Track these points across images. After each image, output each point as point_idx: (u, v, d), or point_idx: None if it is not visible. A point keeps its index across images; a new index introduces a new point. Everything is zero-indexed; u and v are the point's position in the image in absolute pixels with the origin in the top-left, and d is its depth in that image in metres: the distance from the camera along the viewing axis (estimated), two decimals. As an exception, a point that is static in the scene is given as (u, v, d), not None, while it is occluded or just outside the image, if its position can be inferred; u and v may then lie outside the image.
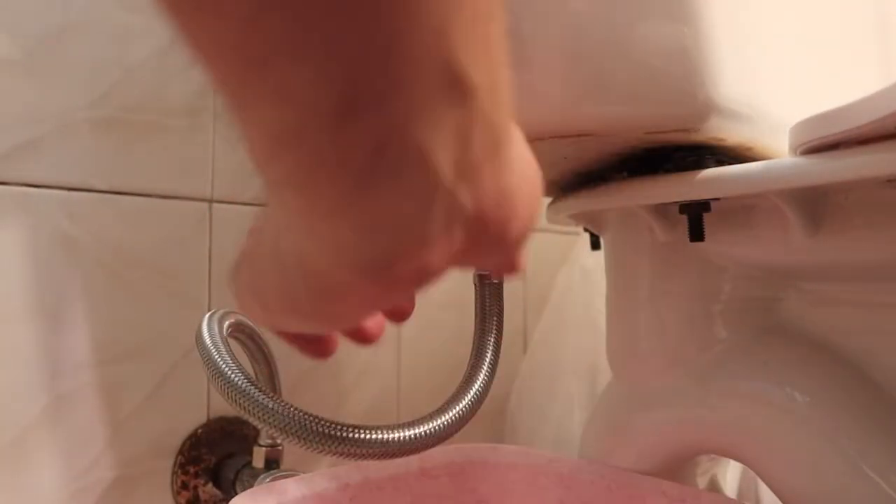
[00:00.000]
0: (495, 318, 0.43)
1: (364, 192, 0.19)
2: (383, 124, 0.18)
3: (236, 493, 0.63)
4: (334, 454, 0.32)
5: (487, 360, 0.41)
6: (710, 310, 0.53)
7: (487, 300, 0.44)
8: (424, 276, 0.21)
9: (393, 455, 0.34)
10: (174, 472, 0.73)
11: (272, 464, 0.69)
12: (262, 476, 0.66)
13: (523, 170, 0.24)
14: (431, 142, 0.18)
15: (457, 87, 0.18)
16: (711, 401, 0.52)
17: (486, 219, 0.21)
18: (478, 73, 0.19)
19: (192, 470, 0.74)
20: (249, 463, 0.71)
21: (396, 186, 0.19)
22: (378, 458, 0.33)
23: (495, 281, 0.44)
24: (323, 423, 0.32)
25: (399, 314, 0.35)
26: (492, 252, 0.24)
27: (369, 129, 0.18)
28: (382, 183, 0.19)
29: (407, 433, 0.34)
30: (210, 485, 0.75)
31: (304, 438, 0.32)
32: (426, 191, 0.19)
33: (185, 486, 0.73)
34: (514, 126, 0.23)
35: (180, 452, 0.74)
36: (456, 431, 0.37)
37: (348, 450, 0.33)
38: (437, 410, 0.37)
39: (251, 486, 0.66)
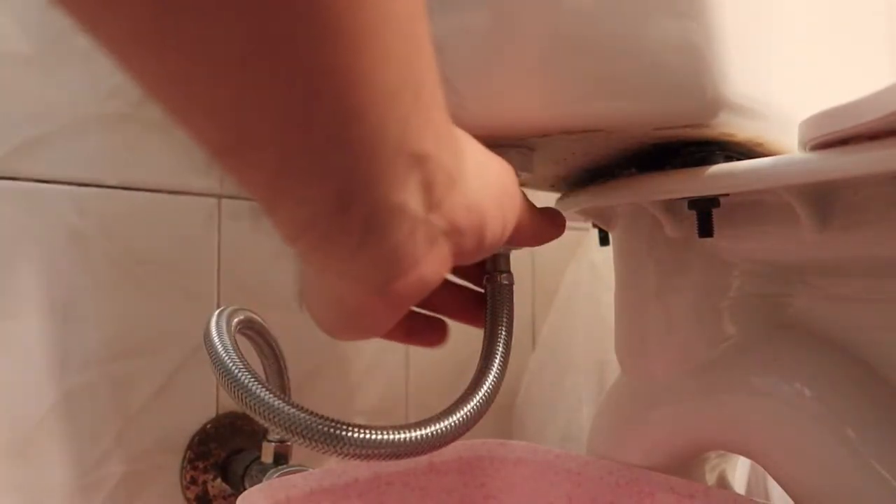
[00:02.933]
0: (505, 319, 0.43)
1: (364, 245, 0.27)
2: (369, 203, 0.26)
3: (245, 489, 0.63)
4: (341, 455, 0.32)
5: (497, 361, 0.41)
6: (719, 306, 0.53)
7: (497, 301, 0.43)
8: (423, 286, 0.29)
9: (401, 456, 0.34)
10: (183, 468, 0.74)
11: (281, 459, 0.69)
12: (271, 471, 0.67)
13: (485, 183, 0.32)
14: (404, 199, 0.26)
15: (416, 161, 0.26)
16: (720, 397, 0.52)
17: (460, 228, 0.30)
18: (428, 142, 0.26)
19: (201, 465, 0.74)
20: (258, 458, 0.71)
21: (386, 235, 0.27)
22: (386, 459, 0.33)
23: (505, 282, 0.44)
24: (330, 423, 0.32)
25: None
26: (477, 247, 0.32)
27: (360, 209, 0.26)
28: (376, 236, 0.27)
29: (416, 433, 0.34)
30: (219, 480, 0.75)
31: (310, 439, 0.32)
32: (407, 230, 0.27)
33: (194, 481, 0.74)
34: (466, 151, 0.31)
35: (189, 448, 0.74)
36: (465, 432, 0.37)
37: (356, 451, 0.32)
38: (446, 410, 0.37)
39: (260, 481, 0.66)
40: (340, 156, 0.24)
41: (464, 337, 0.46)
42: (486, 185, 0.32)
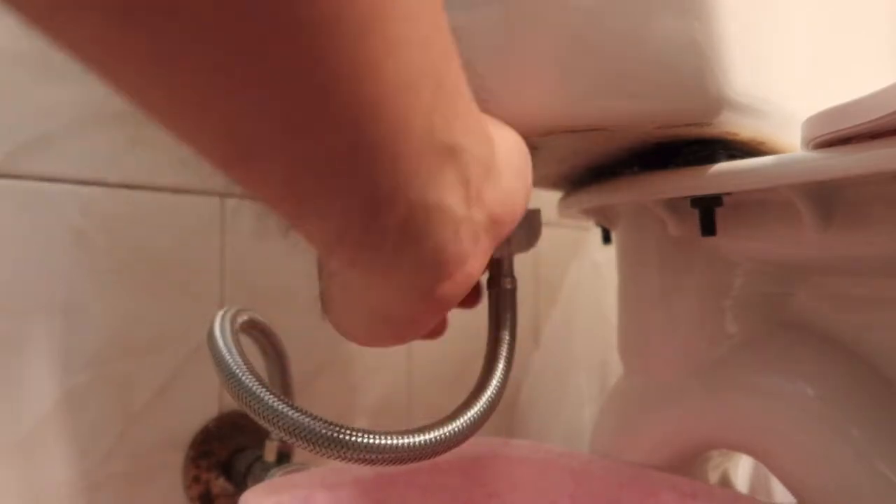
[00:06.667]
0: (509, 323, 0.43)
1: (404, 251, 0.25)
2: (404, 206, 0.23)
3: (248, 487, 0.63)
4: (344, 459, 0.32)
5: (501, 365, 0.41)
6: (722, 305, 0.53)
7: (501, 305, 0.43)
8: (469, 284, 0.28)
9: (404, 461, 0.34)
10: (186, 466, 0.74)
11: (284, 458, 0.69)
12: (273, 470, 0.67)
13: (510, 162, 0.30)
14: (441, 197, 0.24)
15: (449, 154, 0.24)
16: (723, 395, 0.52)
17: (499, 219, 0.28)
18: (458, 133, 0.24)
19: (203, 463, 0.74)
20: (261, 457, 0.71)
21: (427, 237, 0.25)
22: (388, 464, 0.33)
23: (509, 286, 0.44)
24: (332, 427, 0.32)
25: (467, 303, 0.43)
26: (509, 232, 0.30)
27: (394, 214, 0.23)
28: (415, 241, 0.24)
29: (419, 438, 0.34)
30: (222, 478, 0.75)
31: (312, 443, 0.32)
32: (450, 229, 0.25)
33: (196, 479, 0.74)
34: (495, 134, 0.29)
35: (192, 446, 0.74)
36: (468, 437, 0.37)
37: (358, 455, 0.32)
38: (449, 415, 0.37)
39: (263, 479, 0.66)
40: (362, 160, 0.21)
41: (466, 335, 0.46)
42: (515, 170, 0.30)
